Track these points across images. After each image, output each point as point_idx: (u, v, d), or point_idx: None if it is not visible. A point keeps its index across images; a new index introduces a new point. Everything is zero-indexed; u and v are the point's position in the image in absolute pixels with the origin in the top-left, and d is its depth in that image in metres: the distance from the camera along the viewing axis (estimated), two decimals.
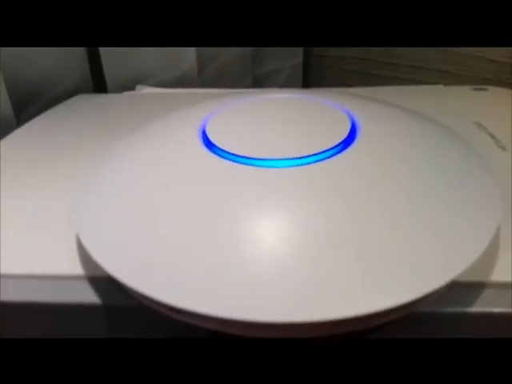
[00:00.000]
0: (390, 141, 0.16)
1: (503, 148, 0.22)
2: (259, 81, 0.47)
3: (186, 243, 0.14)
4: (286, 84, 0.49)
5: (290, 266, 0.12)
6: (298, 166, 0.15)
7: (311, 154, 0.15)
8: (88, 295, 0.15)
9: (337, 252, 0.13)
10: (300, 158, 0.15)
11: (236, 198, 0.15)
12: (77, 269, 0.16)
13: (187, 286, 0.12)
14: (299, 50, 0.49)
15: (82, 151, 0.24)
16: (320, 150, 0.15)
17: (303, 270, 0.12)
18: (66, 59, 0.36)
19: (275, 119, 0.18)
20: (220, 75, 0.42)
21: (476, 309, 0.14)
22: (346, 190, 0.14)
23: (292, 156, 0.15)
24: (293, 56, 0.49)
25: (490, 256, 0.15)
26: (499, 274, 0.15)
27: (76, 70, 0.37)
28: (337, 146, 0.16)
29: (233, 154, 0.16)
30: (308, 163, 0.15)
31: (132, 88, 0.37)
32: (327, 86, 0.51)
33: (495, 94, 0.31)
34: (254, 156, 0.15)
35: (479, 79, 0.40)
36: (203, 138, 0.17)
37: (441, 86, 0.34)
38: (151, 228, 0.14)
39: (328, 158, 0.15)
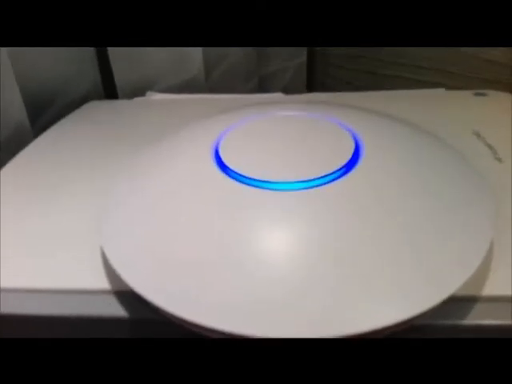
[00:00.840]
0: (390, 163, 0.18)
1: (499, 160, 0.23)
2: (265, 80, 0.48)
3: (203, 263, 0.15)
4: (291, 83, 0.50)
5: (300, 288, 0.14)
6: (303, 188, 0.16)
7: (314, 177, 0.17)
8: (111, 308, 0.17)
9: (341, 273, 0.14)
10: (305, 181, 0.16)
11: (248, 220, 0.16)
12: (101, 283, 0.17)
13: (208, 306, 0.14)
14: (303, 50, 0.50)
15: (103, 161, 0.25)
16: (324, 174, 0.17)
17: (311, 289, 0.14)
18: (77, 66, 0.37)
19: (283, 140, 0.19)
20: (227, 77, 0.43)
21: (470, 321, 0.15)
22: (348, 213, 0.16)
23: (298, 179, 0.17)
24: (297, 55, 0.50)
25: (483, 271, 0.16)
26: (493, 288, 0.16)
27: (87, 76, 0.38)
28: (340, 168, 0.17)
29: (245, 177, 0.17)
30: (313, 186, 0.16)
31: (141, 93, 0.38)
32: (331, 85, 0.52)
33: (495, 99, 0.32)
34: (264, 179, 0.17)
35: (480, 80, 0.41)
36: (217, 160, 0.18)
37: (442, 90, 0.35)
38: (171, 246, 0.16)
39: (331, 181, 0.16)
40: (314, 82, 0.52)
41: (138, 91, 0.39)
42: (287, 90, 0.48)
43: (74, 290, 0.17)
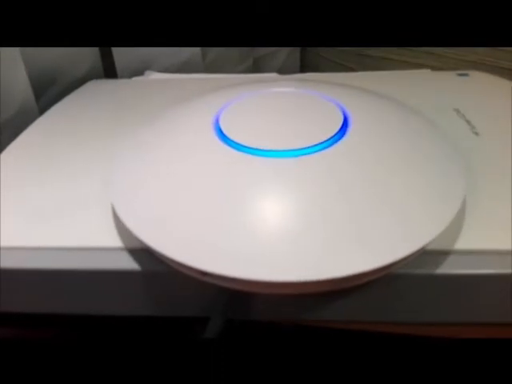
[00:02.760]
0: (375, 134, 0.20)
1: (476, 134, 0.25)
2: (259, 62, 0.50)
3: (208, 218, 0.17)
4: (285, 65, 0.52)
5: (291, 238, 0.16)
6: (296, 156, 0.18)
7: (306, 146, 0.18)
8: (125, 262, 0.18)
9: (327, 225, 0.16)
10: (297, 149, 0.18)
11: (245, 180, 0.18)
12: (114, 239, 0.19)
13: (210, 253, 0.16)
14: None
15: (108, 134, 0.27)
16: (315, 143, 0.18)
17: (302, 239, 0.16)
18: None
19: (278, 113, 0.21)
20: (223, 59, 0.44)
21: (442, 271, 0.17)
22: (334, 176, 0.18)
23: (291, 147, 0.18)
24: None
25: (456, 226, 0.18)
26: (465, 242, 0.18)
27: (88, 56, 0.40)
28: (330, 138, 0.19)
29: (242, 145, 0.19)
30: (304, 154, 0.18)
31: (140, 73, 0.40)
32: (323, 66, 0.54)
33: (477, 79, 0.34)
34: (261, 147, 0.19)
35: (466, 62, 0.43)
36: (217, 130, 0.20)
37: (428, 71, 0.37)
38: (176, 203, 0.18)
39: (320, 150, 0.18)
40: (307, 63, 0.54)
41: (136, 71, 0.40)
42: (281, 70, 0.49)
43: (87, 247, 0.19)
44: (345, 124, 0.20)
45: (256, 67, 0.49)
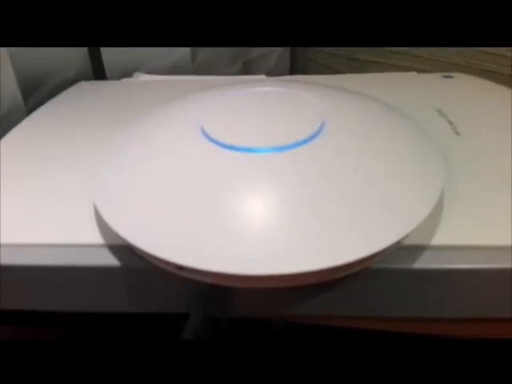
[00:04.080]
0: (353, 131, 0.20)
1: (457, 133, 0.25)
2: (249, 65, 0.50)
3: (186, 213, 0.17)
4: (275, 67, 0.52)
5: (271, 231, 0.16)
6: (276, 152, 0.18)
7: (287, 142, 0.19)
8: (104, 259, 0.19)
9: (305, 219, 0.16)
10: (278, 147, 0.19)
11: (229, 175, 0.18)
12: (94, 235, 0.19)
13: (186, 247, 0.16)
14: None
15: (94, 134, 0.27)
16: (293, 141, 0.19)
17: (280, 233, 0.16)
18: (67, 48, 0.39)
19: (260, 112, 0.21)
20: (212, 61, 0.45)
21: (420, 265, 0.18)
22: (313, 170, 0.18)
23: (270, 145, 0.19)
24: None
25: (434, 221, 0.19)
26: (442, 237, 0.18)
27: (77, 57, 0.40)
28: (307, 138, 0.19)
29: (225, 144, 0.19)
30: (285, 150, 0.18)
31: (129, 75, 0.40)
32: (312, 69, 0.54)
33: (461, 81, 0.34)
34: (242, 145, 0.19)
35: (451, 64, 0.44)
36: (200, 129, 0.20)
37: (414, 73, 0.37)
38: (155, 199, 0.18)
39: (299, 145, 0.19)
40: (296, 66, 0.54)
41: (125, 73, 0.41)
42: (271, 73, 0.49)
43: (69, 244, 0.19)
44: (323, 122, 0.20)
45: (246, 70, 0.50)
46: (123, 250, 0.18)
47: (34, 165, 0.24)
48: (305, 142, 0.19)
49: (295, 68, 0.54)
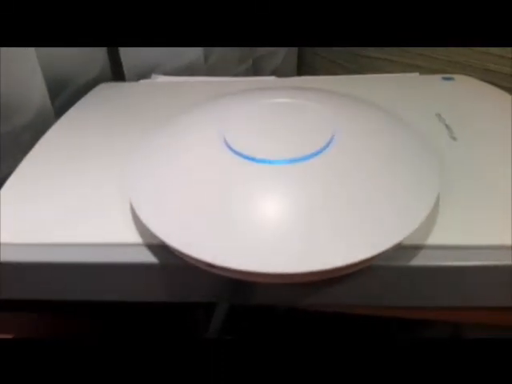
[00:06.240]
0: (360, 144, 0.22)
1: (454, 138, 0.28)
2: (258, 62, 0.52)
3: (216, 218, 0.20)
4: (283, 64, 0.54)
5: (290, 235, 0.19)
6: (291, 164, 0.21)
7: (299, 155, 0.21)
8: (141, 257, 0.21)
9: (316, 222, 0.19)
10: (292, 159, 0.21)
11: (248, 185, 0.21)
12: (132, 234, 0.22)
13: (217, 249, 0.19)
14: None
15: (124, 137, 0.29)
16: (306, 153, 0.21)
17: (297, 236, 0.19)
18: (89, 50, 0.41)
19: (277, 124, 0.24)
20: (224, 60, 0.47)
21: (418, 263, 0.20)
22: (324, 180, 0.21)
23: (285, 157, 0.21)
24: None
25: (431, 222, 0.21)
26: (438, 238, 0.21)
27: (98, 59, 0.42)
28: (316, 152, 0.22)
29: (246, 155, 0.22)
30: (299, 162, 0.21)
31: (146, 76, 0.42)
32: (320, 66, 0.56)
33: (461, 83, 0.36)
34: (262, 157, 0.21)
35: (452, 63, 0.46)
36: (224, 141, 0.23)
37: (416, 75, 0.39)
38: (188, 205, 0.21)
39: (310, 157, 0.21)
40: (304, 63, 0.56)
41: (143, 73, 0.43)
42: (279, 70, 0.52)
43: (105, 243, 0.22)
44: (333, 135, 0.23)
45: (255, 67, 0.52)
46: (160, 248, 0.21)
47: (71, 169, 0.27)
48: (317, 153, 0.21)
49: (303, 65, 0.57)
